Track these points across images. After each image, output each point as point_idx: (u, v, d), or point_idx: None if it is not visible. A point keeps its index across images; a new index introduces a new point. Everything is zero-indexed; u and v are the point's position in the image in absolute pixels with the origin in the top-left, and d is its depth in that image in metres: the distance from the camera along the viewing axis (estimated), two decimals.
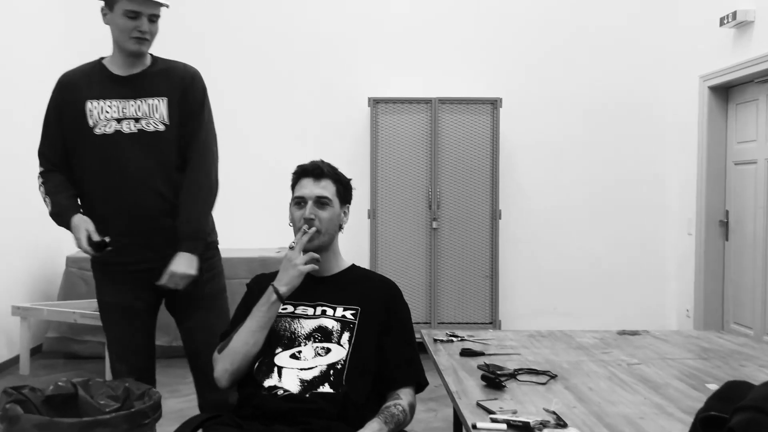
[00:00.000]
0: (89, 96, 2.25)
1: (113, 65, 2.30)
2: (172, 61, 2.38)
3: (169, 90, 2.29)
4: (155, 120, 2.25)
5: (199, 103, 2.34)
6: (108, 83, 2.27)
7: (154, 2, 2.22)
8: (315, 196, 1.95)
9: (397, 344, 1.91)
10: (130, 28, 2.20)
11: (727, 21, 4.64)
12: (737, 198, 4.93)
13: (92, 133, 2.23)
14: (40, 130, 2.38)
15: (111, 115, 2.23)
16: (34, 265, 5.03)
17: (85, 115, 2.23)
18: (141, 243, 2.28)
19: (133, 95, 2.26)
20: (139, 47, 2.24)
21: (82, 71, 2.33)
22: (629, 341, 2.50)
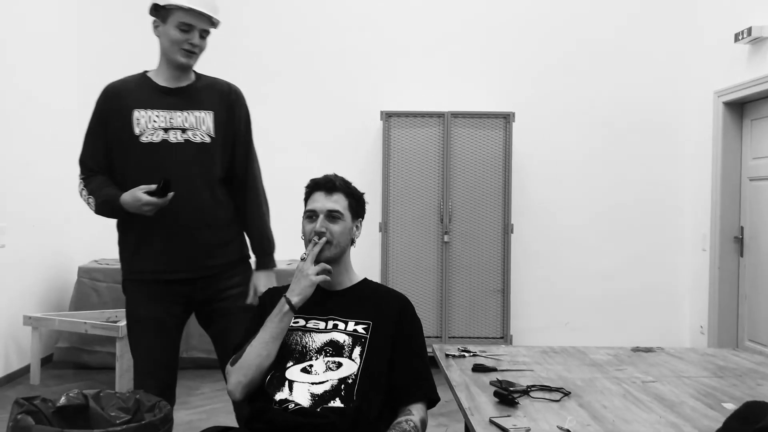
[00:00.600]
0: (136, 105, 2.28)
1: (159, 77, 2.35)
2: (216, 78, 2.45)
3: (215, 105, 2.35)
4: (202, 132, 2.30)
5: (245, 120, 2.44)
6: (155, 94, 2.31)
7: (208, 17, 2.28)
8: (326, 209, 1.95)
9: (408, 359, 1.89)
10: (182, 40, 2.26)
11: (742, 37, 4.62)
12: (752, 214, 4.89)
13: (138, 141, 2.26)
14: (56, 140, 2.41)
15: (158, 124, 2.27)
16: (46, 275, 5.06)
17: (132, 124, 2.27)
18: (179, 252, 2.30)
19: (180, 107, 2.30)
20: (188, 60, 2.30)
21: (127, 81, 2.38)
22: (643, 358, 2.47)
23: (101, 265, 5.01)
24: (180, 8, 2.23)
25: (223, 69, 2.72)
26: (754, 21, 4.57)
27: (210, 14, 2.27)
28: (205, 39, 2.32)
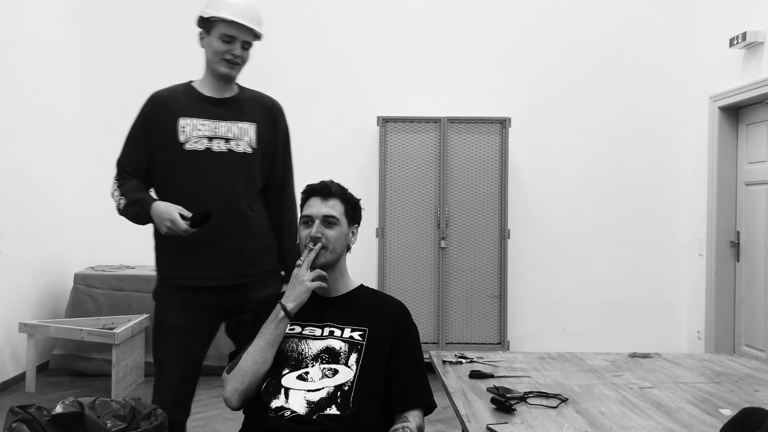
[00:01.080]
0: (182, 113, 2.31)
1: (204, 88, 2.39)
2: (259, 92, 2.51)
3: (258, 117, 2.40)
4: (244, 143, 2.34)
5: (285, 134, 2.51)
6: (201, 103, 2.35)
7: (249, 29, 2.32)
8: (322, 215, 1.95)
9: (405, 366, 1.89)
10: (224, 51, 2.31)
11: (737, 42, 4.64)
12: (748, 219, 4.90)
13: (182, 149, 2.29)
14: (53, 147, 2.41)
15: (203, 132, 2.31)
16: (41, 282, 5.04)
17: (177, 131, 2.29)
18: (215, 260, 2.31)
19: (225, 117, 2.34)
20: (230, 71, 2.33)
21: (173, 90, 2.41)
22: (641, 364, 2.46)
23: (97, 272, 5.00)
24: (223, 20, 2.28)
25: None
26: (749, 26, 4.59)
27: (252, 26, 2.32)
28: (248, 51, 2.36)
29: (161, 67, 5.51)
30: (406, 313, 1.99)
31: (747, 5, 4.71)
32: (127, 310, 4.84)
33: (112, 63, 5.53)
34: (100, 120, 5.51)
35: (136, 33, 5.53)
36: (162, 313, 2.38)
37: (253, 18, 2.32)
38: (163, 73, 5.46)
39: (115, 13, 5.52)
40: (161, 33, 5.54)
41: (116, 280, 4.91)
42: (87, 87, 5.51)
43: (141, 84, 5.48)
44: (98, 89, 5.52)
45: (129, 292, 4.89)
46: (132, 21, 5.54)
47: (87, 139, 5.50)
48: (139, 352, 4.72)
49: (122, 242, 5.50)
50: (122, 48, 5.53)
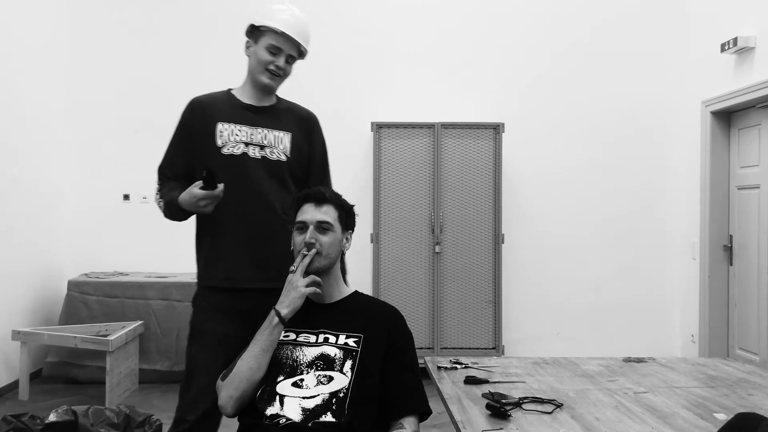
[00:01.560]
0: (221, 118, 2.37)
1: (243, 96, 2.44)
2: (296, 103, 2.58)
3: (293, 127, 2.46)
4: (279, 150, 2.40)
5: (321, 145, 2.56)
6: (239, 110, 2.40)
7: (296, 43, 2.39)
8: (316, 220, 1.95)
9: (400, 372, 1.89)
10: (269, 61, 2.37)
11: (728, 47, 4.66)
12: (741, 223, 4.92)
13: (220, 153, 2.34)
14: (45, 154, 2.40)
15: (240, 138, 2.36)
16: (35, 289, 5.02)
17: (215, 135, 2.35)
18: (250, 262, 2.33)
19: (262, 124, 2.40)
20: (272, 82, 2.40)
21: (213, 96, 2.46)
22: (635, 369, 2.47)
23: (91, 279, 4.98)
24: (272, 31, 2.35)
25: (213, 82, 2.71)
26: (740, 31, 4.61)
27: (299, 41, 2.39)
28: (291, 65, 2.43)
29: (154, 77, 5.52)
30: (400, 319, 1.99)
31: (738, 11, 4.75)
32: (121, 316, 4.82)
33: (105, 71, 5.52)
34: (93, 128, 5.50)
35: (128, 42, 5.53)
36: (199, 320, 2.39)
37: (302, 33, 2.40)
38: (156, 83, 5.49)
39: (106, 22, 5.51)
40: (153, 43, 5.54)
41: (110, 287, 4.90)
42: (79, 95, 5.50)
43: (133, 93, 5.53)
44: (90, 98, 5.51)
45: (123, 298, 4.88)
46: (124, 30, 5.53)
47: (80, 147, 5.49)
48: (134, 359, 4.70)
49: (116, 249, 5.50)
50: (114, 56, 5.52)
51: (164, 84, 5.47)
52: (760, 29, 4.50)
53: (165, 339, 4.87)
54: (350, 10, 5.58)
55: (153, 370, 4.85)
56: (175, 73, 5.48)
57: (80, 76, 5.50)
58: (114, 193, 5.52)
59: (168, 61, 5.52)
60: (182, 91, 2.61)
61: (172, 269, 5.35)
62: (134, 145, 5.47)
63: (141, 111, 5.48)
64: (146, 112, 5.47)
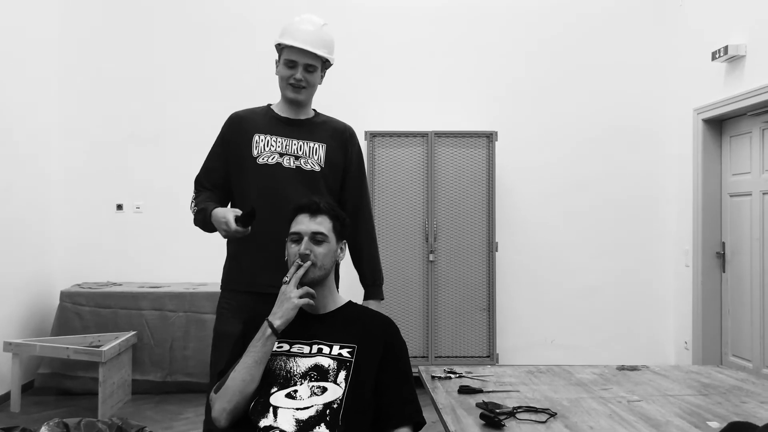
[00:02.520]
0: (257, 130, 2.45)
1: (281, 110, 2.52)
2: (334, 118, 2.65)
3: (329, 139, 2.51)
4: (313, 161, 2.45)
5: (357, 157, 2.60)
6: (275, 122, 2.48)
7: (308, 53, 2.42)
8: (311, 231, 1.95)
9: (394, 383, 1.88)
10: (287, 75, 2.45)
11: (719, 55, 4.70)
12: (733, 230, 4.94)
13: (255, 163, 2.41)
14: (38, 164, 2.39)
15: (275, 148, 2.43)
16: (27, 299, 4.99)
17: (251, 146, 2.42)
18: (278, 269, 2.24)
19: (297, 136, 2.47)
20: (295, 95, 2.45)
21: (251, 110, 2.55)
22: (629, 377, 2.47)
23: (84, 289, 4.96)
24: (286, 46, 2.42)
25: (206, 90, 2.72)
26: (730, 40, 4.65)
27: (311, 49, 2.41)
28: (314, 74, 2.47)
29: (147, 86, 5.52)
30: (394, 329, 1.98)
31: (728, 19, 4.78)
32: (114, 327, 4.80)
33: (98, 81, 5.52)
34: (86, 137, 5.49)
35: (121, 52, 5.53)
36: (224, 324, 2.41)
37: (314, 42, 2.42)
38: (149, 92, 5.49)
39: (99, 31, 5.51)
40: (146, 52, 5.54)
41: (103, 298, 4.88)
42: (72, 104, 5.49)
43: (127, 102, 5.52)
44: (83, 107, 5.50)
45: (116, 309, 4.85)
46: (116, 39, 5.53)
47: (73, 156, 5.48)
48: (126, 369, 4.68)
49: (109, 259, 5.48)
50: (107, 66, 5.52)
51: (158, 94, 5.47)
52: (750, 38, 4.54)
53: (158, 349, 4.85)
54: (344, 21, 5.59)
55: (146, 380, 4.82)
56: (168, 82, 5.48)
57: (73, 84, 5.49)
58: (107, 203, 5.51)
59: (161, 71, 5.52)
60: (176, 100, 2.62)
61: (166, 279, 5.34)
62: (127, 155, 5.46)
63: (134, 121, 5.47)
64: (139, 122, 5.46)
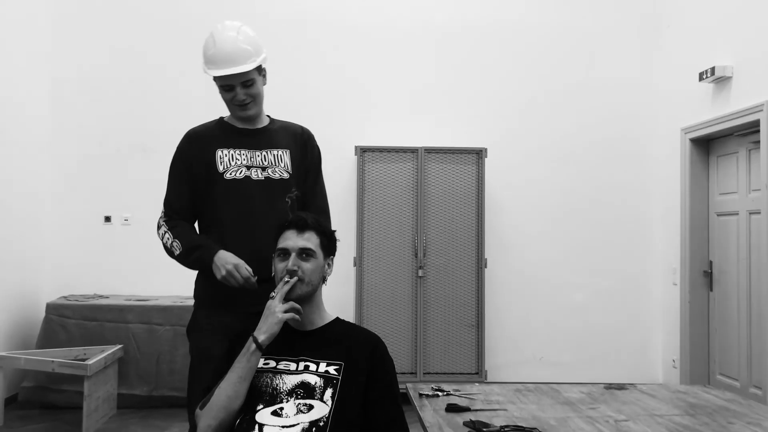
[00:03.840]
0: (219, 145, 2.37)
1: (235, 121, 2.44)
2: (289, 122, 2.58)
3: (290, 144, 2.46)
4: (280, 169, 2.40)
5: (317, 158, 2.56)
6: (235, 134, 2.41)
7: (234, 75, 2.30)
8: (298, 247, 1.95)
9: (381, 401, 1.87)
10: (228, 99, 2.38)
11: (706, 76, 4.75)
12: (720, 249, 4.97)
13: (223, 178, 2.33)
14: (26, 176, 2.36)
15: (241, 162, 2.36)
16: (12, 312, 4.93)
17: (216, 162, 2.34)
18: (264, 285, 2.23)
19: (259, 146, 2.40)
20: (245, 113, 2.38)
21: (205, 126, 2.47)
22: (616, 396, 2.47)
23: (70, 302, 4.91)
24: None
25: (195, 103, 2.72)
26: (717, 61, 4.71)
27: (239, 71, 2.29)
28: (254, 86, 2.36)
29: (137, 99, 5.51)
30: (381, 346, 1.97)
31: (715, 41, 4.84)
32: (100, 340, 4.76)
33: (88, 95, 5.51)
34: (75, 150, 5.47)
35: (111, 63, 5.52)
36: (201, 341, 2.31)
37: (238, 57, 2.30)
38: (139, 105, 5.48)
39: (90, 42, 5.51)
40: (137, 64, 5.54)
41: (89, 310, 4.83)
42: (61, 116, 5.48)
43: (116, 114, 5.51)
44: (73, 120, 5.48)
45: (102, 322, 4.81)
46: (107, 51, 5.53)
47: (61, 168, 5.46)
48: (112, 383, 4.63)
49: (96, 271, 5.44)
50: (98, 79, 5.51)
51: (146, 106, 5.46)
52: (736, 59, 4.59)
53: (144, 363, 4.81)
54: (335, 36, 5.63)
55: (132, 395, 4.77)
56: (159, 95, 5.48)
57: (63, 96, 5.48)
58: (95, 215, 5.48)
59: (152, 83, 5.52)
60: (164, 113, 2.61)
61: (153, 292, 5.30)
62: (116, 168, 5.44)
63: (122, 133, 5.46)
64: (128, 135, 5.45)
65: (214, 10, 5.43)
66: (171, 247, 2.33)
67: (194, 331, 2.37)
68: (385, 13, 5.65)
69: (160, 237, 2.37)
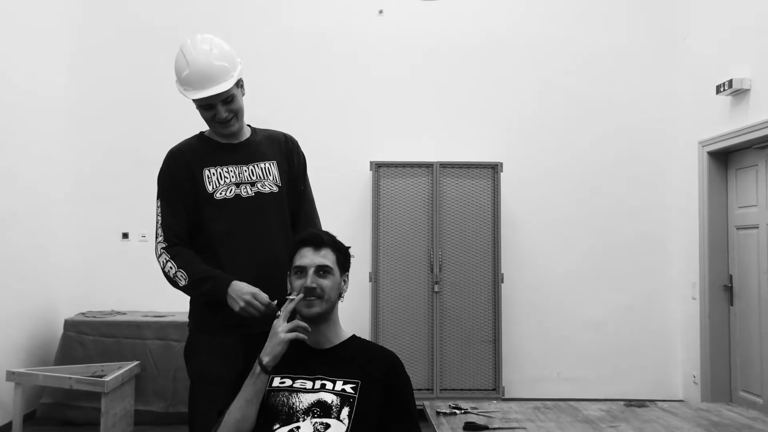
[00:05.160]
0: (205, 164, 2.28)
1: (217, 137, 2.34)
2: (271, 129, 2.50)
3: (276, 154, 2.38)
4: (270, 182, 2.33)
5: (303, 165, 2.49)
6: (219, 151, 2.32)
7: (213, 96, 2.20)
8: (316, 265, 1.94)
9: (398, 419, 1.86)
10: (208, 117, 2.27)
11: (724, 89, 4.71)
12: (740, 263, 4.91)
13: (213, 198, 2.26)
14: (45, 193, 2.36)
15: (229, 179, 2.28)
16: (31, 328, 4.97)
17: (204, 182, 2.26)
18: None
19: (245, 161, 2.32)
20: (226, 129, 2.29)
21: (188, 143, 2.36)
22: (636, 414, 2.44)
23: (88, 318, 4.94)
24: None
25: None
26: (734, 74, 4.67)
27: (218, 92, 2.18)
28: (234, 101, 2.26)
29: (155, 114, 5.56)
30: (398, 364, 1.96)
31: (732, 53, 4.81)
32: (117, 356, 4.77)
33: (104, 109, 5.57)
34: (92, 166, 5.53)
35: (128, 80, 5.59)
36: (203, 366, 2.24)
37: (215, 76, 2.18)
38: (156, 121, 5.53)
39: (107, 58, 5.58)
40: (153, 80, 5.59)
41: (107, 327, 4.86)
42: (79, 133, 5.54)
43: (133, 130, 5.56)
44: (90, 136, 5.55)
45: (120, 338, 4.83)
46: (124, 67, 5.60)
47: (78, 185, 5.51)
48: (129, 400, 4.64)
49: (114, 288, 5.48)
50: (114, 94, 5.58)
51: (165, 122, 5.51)
52: (754, 71, 4.56)
53: (161, 379, 4.81)
54: (350, 51, 5.65)
55: (149, 411, 4.78)
56: (176, 111, 5.52)
57: (80, 114, 5.55)
58: (112, 232, 5.52)
59: (169, 98, 5.56)
60: (183, 129, 2.60)
61: (170, 308, 5.31)
62: (134, 184, 5.48)
63: (140, 149, 5.50)
64: (145, 151, 5.49)
65: (240, 24, 5.48)
66: (175, 278, 2.22)
67: (193, 354, 2.29)
68: (400, 28, 5.66)
69: (162, 266, 2.25)
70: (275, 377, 1.88)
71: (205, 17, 5.56)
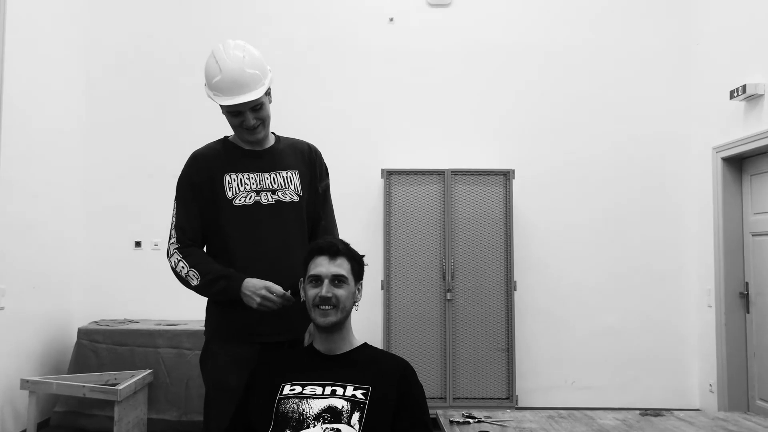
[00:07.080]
0: (226, 170, 2.27)
1: (241, 142, 2.34)
2: (295, 138, 2.49)
3: (298, 164, 2.37)
4: (291, 191, 2.32)
5: (325, 173, 2.49)
6: (242, 157, 2.31)
7: (242, 104, 2.19)
8: (331, 274, 1.95)
9: (411, 427, 1.85)
10: (236, 124, 2.27)
11: (737, 94, 4.68)
12: (757, 269, 4.85)
13: (232, 205, 2.24)
14: (58, 200, 2.37)
15: (250, 186, 2.27)
16: (45, 337, 5.00)
17: (224, 188, 2.25)
18: (276, 314, 2.18)
19: (268, 168, 2.31)
20: (252, 136, 2.28)
21: (211, 148, 2.36)
22: (652, 423, 2.41)
23: (101, 327, 4.96)
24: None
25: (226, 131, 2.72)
26: (748, 79, 4.64)
27: (249, 99, 2.18)
28: (262, 109, 2.26)
29: (168, 124, 5.60)
30: (411, 371, 1.95)
31: (746, 58, 4.78)
32: (130, 365, 4.79)
33: (120, 119, 5.61)
34: (105, 175, 5.56)
35: (142, 90, 5.63)
36: (220, 375, 2.21)
37: (241, 85, 2.18)
38: (170, 130, 5.57)
39: (121, 70, 5.63)
40: (168, 90, 5.63)
41: (120, 335, 4.88)
42: (93, 141, 5.58)
43: (147, 140, 5.60)
44: (104, 144, 5.59)
45: (133, 347, 4.85)
46: (138, 78, 5.64)
47: (92, 194, 5.55)
48: (142, 408, 4.64)
49: (127, 296, 5.50)
50: (129, 104, 5.62)
51: (177, 132, 5.54)
52: (767, 77, 4.53)
53: (174, 388, 4.82)
54: (360, 61, 5.67)
55: (162, 419, 4.78)
56: (189, 119, 5.56)
57: (95, 123, 5.59)
58: (125, 240, 5.55)
59: (182, 110, 5.60)
60: (195, 139, 2.61)
61: (182, 317, 5.33)
62: (147, 193, 5.51)
63: (153, 159, 5.54)
64: (160, 160, 5.53)
65: (253, 35, 5.46)
66: (187, 277, 2.22)
67: (209, 362, 2.28)
68: (411, 36, 5.67)
69: (173, 266, 2.25)
70: (285, 384, 1.88)
71: (216, 30, 5.58)
